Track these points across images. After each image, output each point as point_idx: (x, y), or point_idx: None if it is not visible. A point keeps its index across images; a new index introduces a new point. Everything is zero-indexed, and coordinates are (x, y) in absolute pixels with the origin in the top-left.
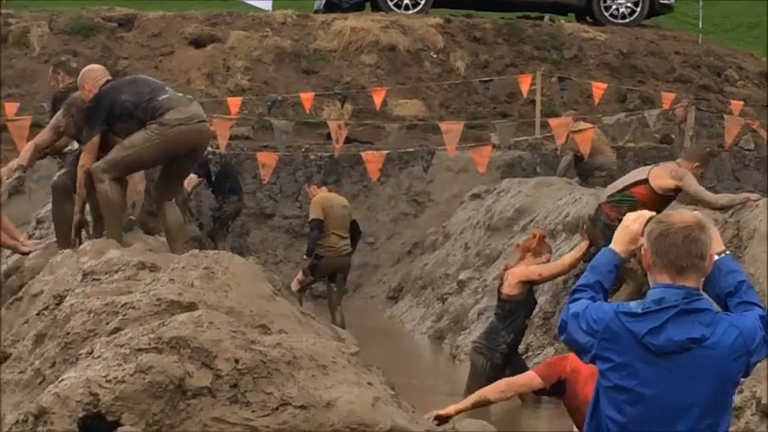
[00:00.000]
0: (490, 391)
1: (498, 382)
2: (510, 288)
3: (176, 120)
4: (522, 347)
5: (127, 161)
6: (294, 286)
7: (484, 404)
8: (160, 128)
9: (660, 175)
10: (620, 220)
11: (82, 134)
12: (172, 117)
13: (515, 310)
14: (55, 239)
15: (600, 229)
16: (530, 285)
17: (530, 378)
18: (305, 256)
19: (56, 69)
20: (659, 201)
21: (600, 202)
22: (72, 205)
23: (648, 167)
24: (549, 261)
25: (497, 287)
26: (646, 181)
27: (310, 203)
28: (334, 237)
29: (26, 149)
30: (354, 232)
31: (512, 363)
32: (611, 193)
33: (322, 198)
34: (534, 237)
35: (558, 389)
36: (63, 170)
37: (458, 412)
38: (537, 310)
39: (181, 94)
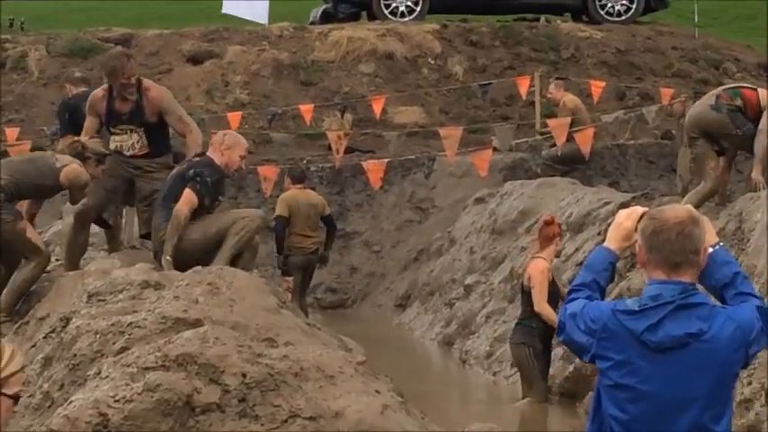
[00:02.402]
0: None
1: None
2: (528, 279)
3: None
4: None
5: None
6: (290, 296)
7: None
8: None
9: None
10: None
11: None
12: None
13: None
14: (61, 263)
15: (726, 113)
16: (551, 277)
17: None
18: (276, 254)
19: (62, 84)
20: (756, 113)
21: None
22: (87, 235)
23: None
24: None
25: (521, 282)
26: (755, 89)
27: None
28: (298, 236)
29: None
30: (329, 227)
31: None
32: (725, 88)
33: (288, 196)
34: (550, 223)
35: None
36: (88, 199)
37: None
38: None
39: None
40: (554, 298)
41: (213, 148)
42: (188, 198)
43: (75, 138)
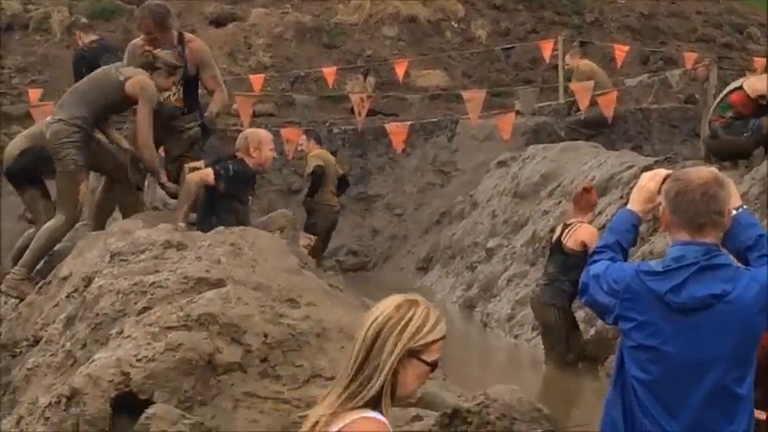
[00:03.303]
0: None
1: None
2: (575, 244)
3: None
4: None
5: None
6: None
7: None
8: None
9: (754, 81)
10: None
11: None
12: None
13: (577, 265)
14: (85, 223)
15: (723, 134)
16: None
17: None
18: (307, 198)
19: (71, 32)
20: (755, 107)
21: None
22: (114, 197)
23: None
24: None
25: (556, 240)
26: (740, 88)
27: (307, 157)
28: (329, 194)
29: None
30: (343, 184)
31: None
32: (715, 106)
33: (320, 154)
34: (588, 190)
35: None
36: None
37: None
38: None
39: None
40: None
41: (243, 153)
42: (204, 172)
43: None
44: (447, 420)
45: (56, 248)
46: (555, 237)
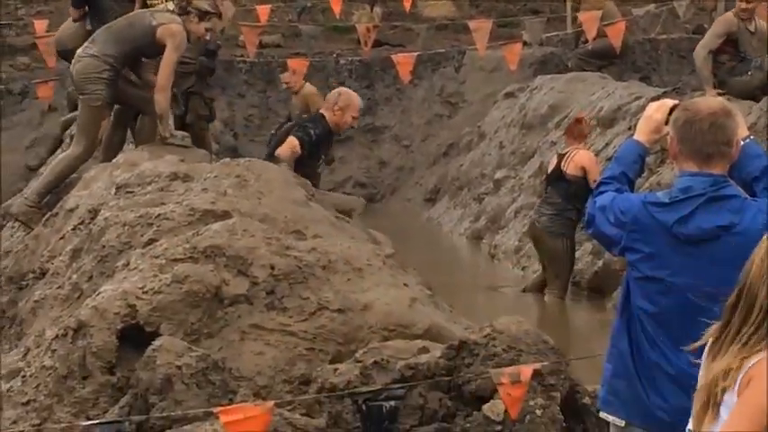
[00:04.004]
0: None
1: None
2: (575, 169)
3: None
4: None
5: None
6: None
7: None
8: None
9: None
10: None
11: None
12: None
13: (580, 192)
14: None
15: (728, 79)
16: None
17: None
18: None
19: None
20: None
21: None
22: (124, 133)
23: None
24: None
25: (555, 169)
26: None
27: (309, 93)
28: None
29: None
30: None
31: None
32: None
33: (315, 91)
34: (580, 121)
35: None
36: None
37: None
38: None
39: None
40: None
41: (326, 106)
42: (290, 142)
43: None
44: (453, 352)
45: None
46: (552, 167)
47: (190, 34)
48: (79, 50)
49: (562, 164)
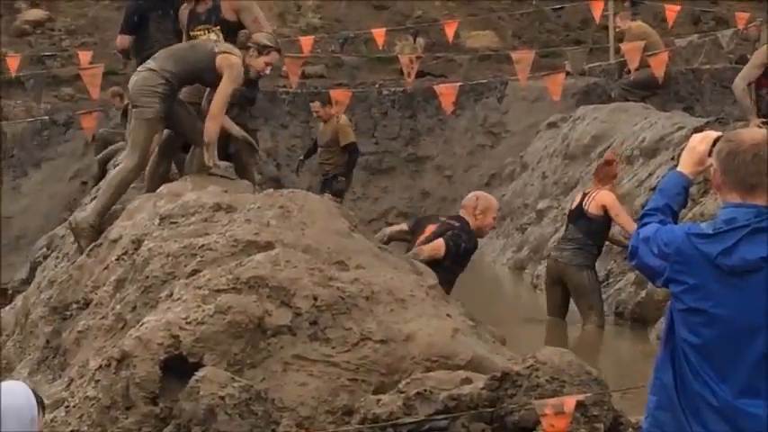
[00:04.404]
0: None
1: None
2: (596, 209)
3: None
4: (602, 274)
5: None
6: None
7: None
8: None
9: None
10: None
11: None
12: None
13: (600, 231)
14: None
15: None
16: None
17: None
18: (341, 177)
19: None
20: None
21: None
22: (169, 164)
23: None
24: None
25: (577, 207)
26: None
27: (341, 125)
28: None
29: None
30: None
31: None
32: None
33: (348, 123)
34: (610, 163)
35: None
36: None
37: None
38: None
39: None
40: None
41: (466, 211)
42: (437, 246)
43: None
44: (496, 383)
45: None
46: (574, 205)
47: (249, 68)
48: (139, 67)
49: (584, 202)
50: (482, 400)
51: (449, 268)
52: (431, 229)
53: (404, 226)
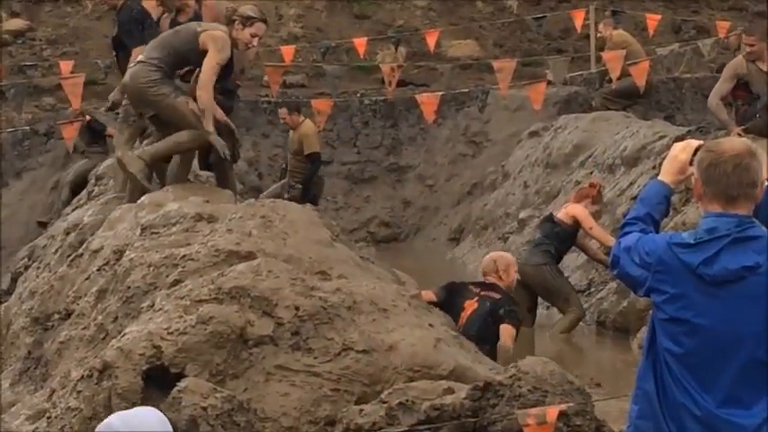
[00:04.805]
0: None
1: None
2: (565, 217)
3: None
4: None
5: None
6: None
7: None
8: None
9: None
10: None
11: None
12: None
13: (563, 239)
14: (113, 195)
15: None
16: (578, 227)
17: None
18: (298, 185)
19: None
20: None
21: None
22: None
23: None
24: (599, 211)
25: (548, 215)
26: None
27: (305, 134)
28: None
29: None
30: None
31: None
32: None
33: (313, 130)
34: (593, 186)
35: None
36: (192, 141)
37: None
38: (598, 245)
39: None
40: (569, 244)
41: (493, 278)
42: (510, 333)
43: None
44: (479, 393)
45: (86, 221)
46: (546, 215)
47: (237, 42)
48: (131, 63)
49: (554, 211)
50: (465, 410)
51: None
52: (471, 306)
53: (432, 296)
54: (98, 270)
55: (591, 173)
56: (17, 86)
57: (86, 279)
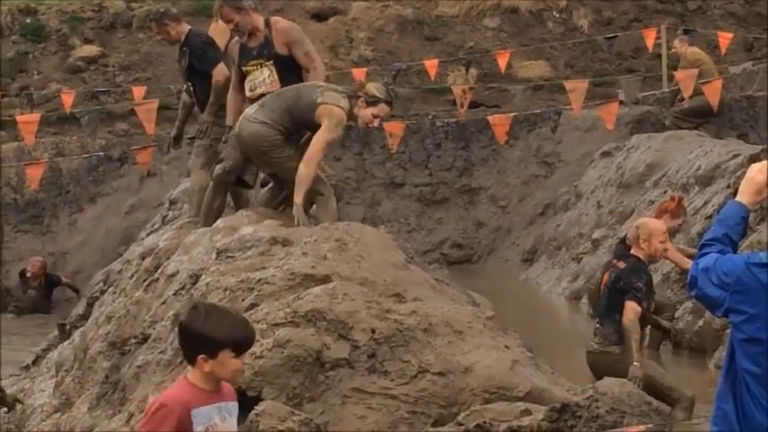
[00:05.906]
0: None
1: None
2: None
3: None
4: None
5: None
6: None
7: None
8: None
9: None
10: None
11: None
12: None
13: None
14: (188, 219)
15: None
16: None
17: None
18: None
19: (161, 23)
20: None
21: None
22: (224, 199)
23: None
24: (683, 224)
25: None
26: None
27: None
28: None
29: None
30: None
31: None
32: None
33: None
34: (673, 199)
35: None
36: (226, 162)
37: None
38: (672, 265)
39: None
40: None
41: (635, 246)
42: (632, 309)
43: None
44: (556, 415)
45: (162, 245)
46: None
47: (357, 119)
48: (249, 111)
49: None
50: None
51: (647, 308)
52: (606, 276)
53: None
54: (174, 294)
55: (664, 192)
56: (90, 113)
57: (162, 303)
